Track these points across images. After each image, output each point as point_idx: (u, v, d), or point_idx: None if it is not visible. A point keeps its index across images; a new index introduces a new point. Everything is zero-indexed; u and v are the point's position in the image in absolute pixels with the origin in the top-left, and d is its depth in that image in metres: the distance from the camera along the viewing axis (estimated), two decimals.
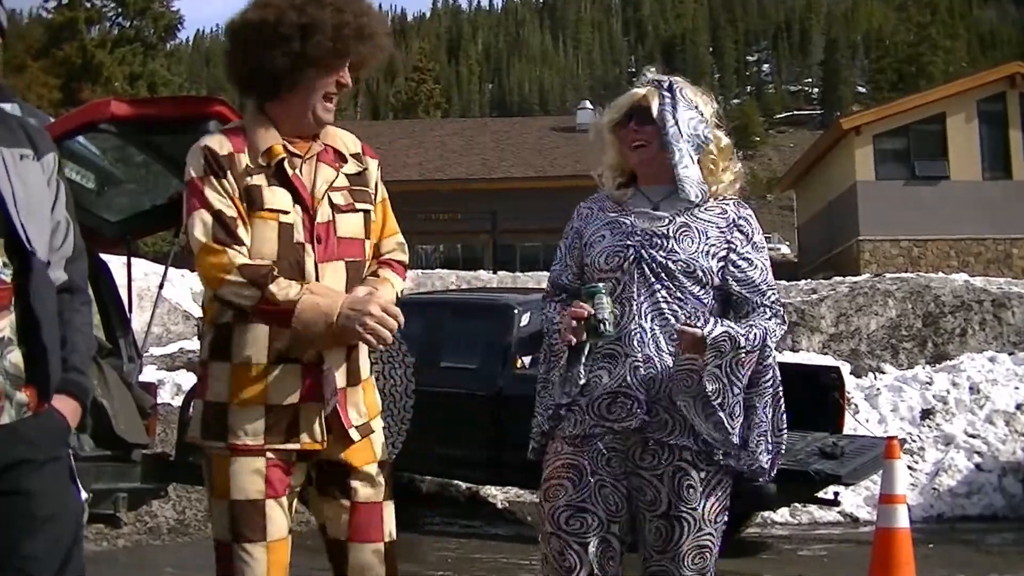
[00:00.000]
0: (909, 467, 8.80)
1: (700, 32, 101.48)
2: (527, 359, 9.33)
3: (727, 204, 2.68)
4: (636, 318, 2.57)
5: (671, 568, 2.59)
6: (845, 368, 10.25)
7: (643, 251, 2.60)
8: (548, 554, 2.63)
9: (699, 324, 2.52)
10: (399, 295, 2.52)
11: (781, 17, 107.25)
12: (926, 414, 9.77)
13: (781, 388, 2.68)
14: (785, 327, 2.67)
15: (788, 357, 12.31)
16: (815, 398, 7.95)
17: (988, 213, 23.79)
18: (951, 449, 9.24)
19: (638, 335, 2.56)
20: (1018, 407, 9.72)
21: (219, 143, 2.41)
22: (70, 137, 5.24)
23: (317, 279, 2.38)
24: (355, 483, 2.47)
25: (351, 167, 2.51)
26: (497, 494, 9.06)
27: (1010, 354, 11.28)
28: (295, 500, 2.51)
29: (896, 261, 24.05)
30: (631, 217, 2.66)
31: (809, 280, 18.00)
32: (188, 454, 6.16)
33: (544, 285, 2.89)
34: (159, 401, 7.58)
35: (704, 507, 2.56)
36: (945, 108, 24.76)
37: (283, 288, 2.31)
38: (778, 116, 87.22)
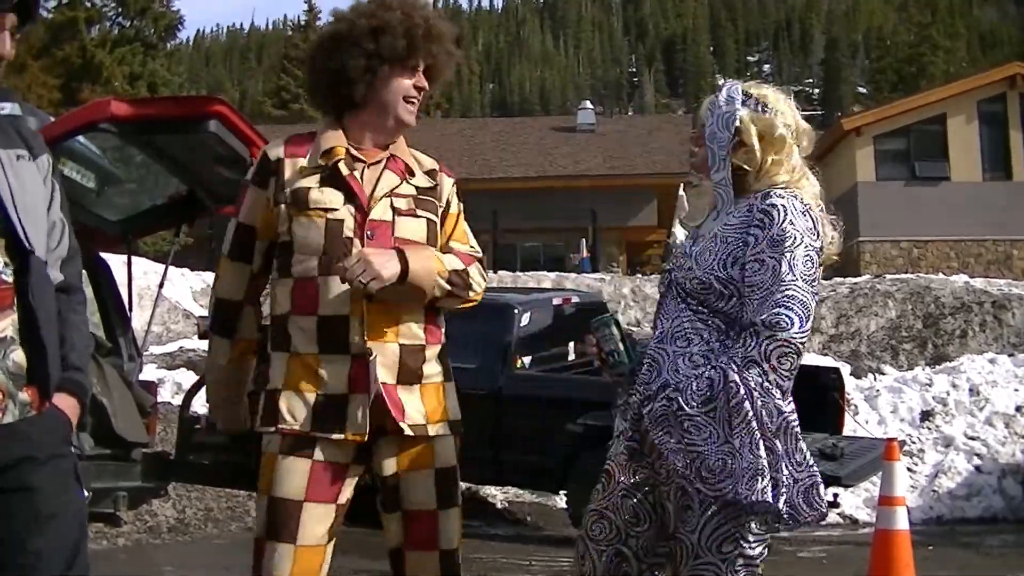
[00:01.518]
0: (909, 469, 8.80)
1: (701, 31, 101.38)
2: (527, 359, 9.33)
3: (754, 198, 2.45)
4: (656, 342, 2.49)
5: None
6: (845, 369, 10.25)
7: (671, 274, 2.54)
8: (575, 553, 2.62)
9: (699, 366, 2.38)
10: (446, 273, 2.51)
11: (782, 16, 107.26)
12: (926, 416, 9.77)
13: (775, 421, 2.36)
14: (787, 343, 2.33)
15: None
16: (815, 399, 7.94)
17: (988, 214, 23.79)
18: (951, 451, 9.24)
19: (648, 360, 2.48)
20: (1018, 409, 9.72)
21: (273, 148, 2.57)
22: (70, 137, 5.24)
23: None
24: (405, 492, 2.49)
25: (421, 181, 2.58)
26: (497, 494, 9.06)
27: (1010, 356, 11.29)
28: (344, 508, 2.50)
29: (896, 262, 24.05)
30: (691, 240, 2.59)
31: None
32: (188, 453, 6.16)
33: (544, 284, 2.87)
34: (159, 400, 7.59)
35: (700, 533, 2.39)
36: (945, 109, 24.78)
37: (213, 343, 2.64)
38: None
